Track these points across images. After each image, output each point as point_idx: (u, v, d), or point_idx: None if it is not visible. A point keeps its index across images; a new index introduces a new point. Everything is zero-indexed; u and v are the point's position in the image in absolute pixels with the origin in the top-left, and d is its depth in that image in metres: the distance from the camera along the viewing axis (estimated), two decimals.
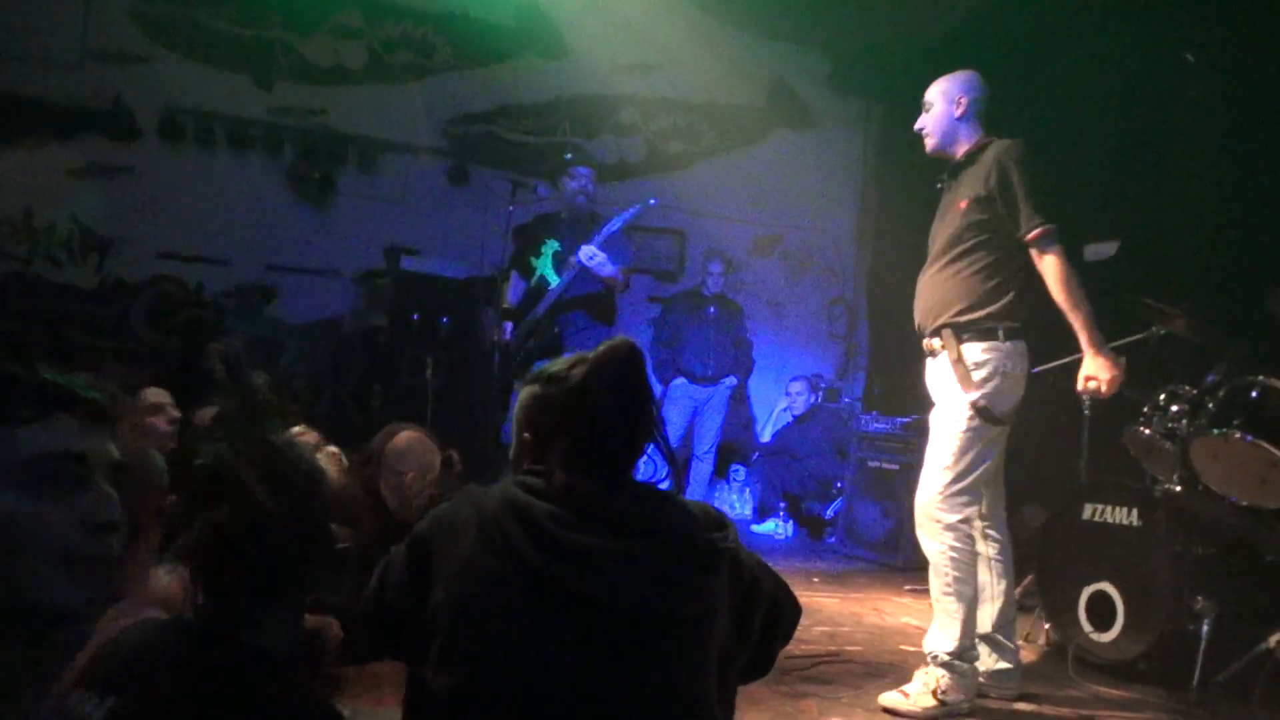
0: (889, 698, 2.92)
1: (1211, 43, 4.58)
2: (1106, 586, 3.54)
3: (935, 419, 3.08)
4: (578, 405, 1.45)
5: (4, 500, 0.98)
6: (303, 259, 6.56)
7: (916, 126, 3.23)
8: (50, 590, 0.99)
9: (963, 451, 2.97)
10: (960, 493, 2.97)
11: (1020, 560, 4.58)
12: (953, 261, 3.08)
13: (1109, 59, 5.26)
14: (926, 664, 2.97)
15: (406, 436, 3.08)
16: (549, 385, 1.50)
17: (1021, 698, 3.11)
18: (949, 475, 2.97)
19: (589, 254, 4.21)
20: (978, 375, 2.98)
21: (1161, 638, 3.31)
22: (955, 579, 2.95)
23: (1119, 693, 3.25)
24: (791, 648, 3.22)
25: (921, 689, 2.91)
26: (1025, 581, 4.27)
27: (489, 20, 6.99)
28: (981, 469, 3.00)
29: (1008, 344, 3.02)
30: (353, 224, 6.67)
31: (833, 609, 4.28)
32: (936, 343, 3.08)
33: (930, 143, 3.20)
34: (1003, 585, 3.12)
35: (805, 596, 4.44)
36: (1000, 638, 3.11)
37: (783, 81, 7.72)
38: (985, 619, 3.09)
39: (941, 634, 2.96)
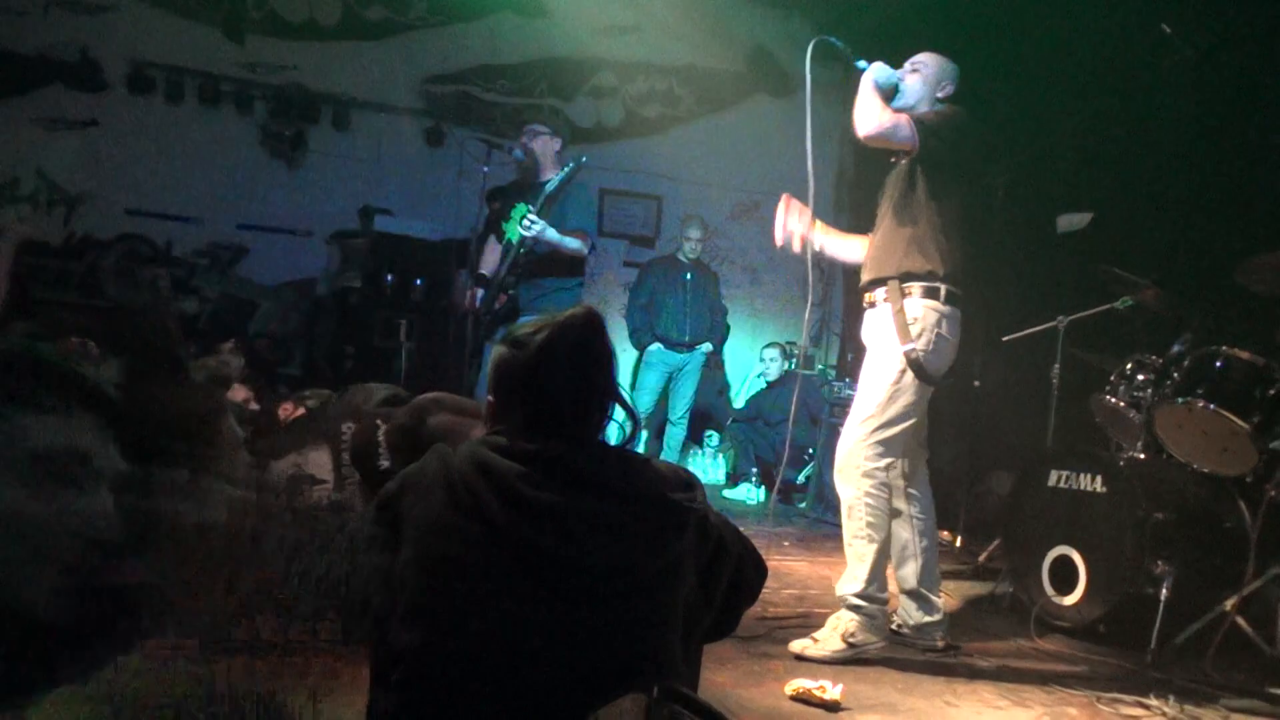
0: (799, 644, 3.02)
1: (1188, 15, 4.58)
2: (1069, 551, 3.61)
3: (866, 369, 3.18)
4: (536, 369, 1.47)
5: (12, 494, 0.96)
6: (275, 218, 6.48)
7: (895, 75, 3.21)
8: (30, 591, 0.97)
9: (890, 401, 3.05)
10: (882, 442, 3.06)
11: (988, 525, 4.68)
12: (901, 220, 3.15)
13: (1087, 29, 5.26)
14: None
15: (443, 421, 2.92)
16: (511, 348, 1.51)
17: (985, 659, 3.17)
18: (873, 424, 3.06)
19: (527, 224, 4.20)
20: (915, 329, 3.05)
21: (1121, 601, 3.38)
22: (868, 524, 3.06)
23: (1080, 654, 3.32)
24: (760, 610, 3.28)
25: (830, 632, 3.02)
26: (991, 546, 4.35)
27: None
28: (906, 424, 3.08)
29: (947, 307, 3.09)
30: (326, 183, 6.59)
31: (802, 572, 4.33)
32: (880, 294, 3.15)
33: (901, 102, 3.20)
34: (925, 543, 3.21)
35: (775, 560, 4.49)
36: (925, 592, 3.20)
37: (762, 46, 7.67)
38: (910, 575, 3.20)
39: (850, 578, 3.07)
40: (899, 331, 3.05)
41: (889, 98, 3.14)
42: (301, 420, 3.83)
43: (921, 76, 3.22)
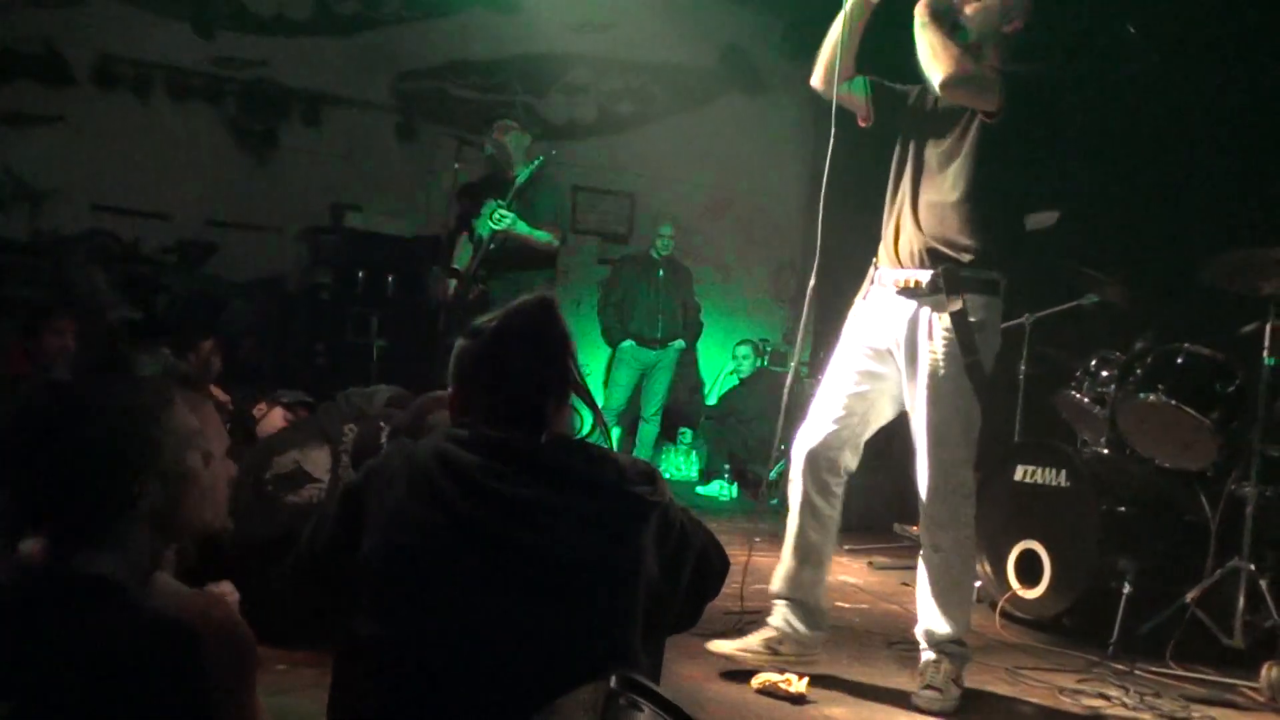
0: (926, 700, 2.59)
1: (1154, 16, 4.65)
2: (1035, 545, 3.65)
3: (923, 383, 2.66)
4: (490, 356, 1.47)
5: None
6: (245, 214, 6.42)
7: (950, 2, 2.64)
8: None
9: (969, 428, 2.66)
10: (969, 477, 2.70)
11: None
12: (953, 186, 2.64)
13: (1054, 27, 5.32)
14: (931, 652, 2.71)
15: (444, 420, 2.86)
16: (468, 338, 1.52)
17: None
18: (962, 459, 2.67)
19: (496, 217, 4.23)
20: (980, 335, 2.60)
21: (1085, 594, 3.43)
22: (965, 562, 2.74)
23: (1044, 646, 3.36)
24: (729, 604, 3.29)
25: (945, 680, 2.62)
26: None
27: None
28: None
29: (1000, 302, 2.69)
30: (297, 179, 6.54)
31: (772, 568, 4.33)
32: (924, 279, 2.63)
33: (962, 41, 2.62)
34: (830, 549, 2.88)
35: (744, 555, 4.51)
36: (823, 605, 2.85)
37: (735, 45, 7.69)
38: (810, 583, 2.82)
39: (952, 620, 2.70)
40: (961, 338, 2.58)
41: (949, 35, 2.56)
42: (304, 420, 3.82)
43: (984, 5, 2.63)
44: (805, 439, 2.85)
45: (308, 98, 6.59)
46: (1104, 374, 3.85)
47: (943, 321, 2.61)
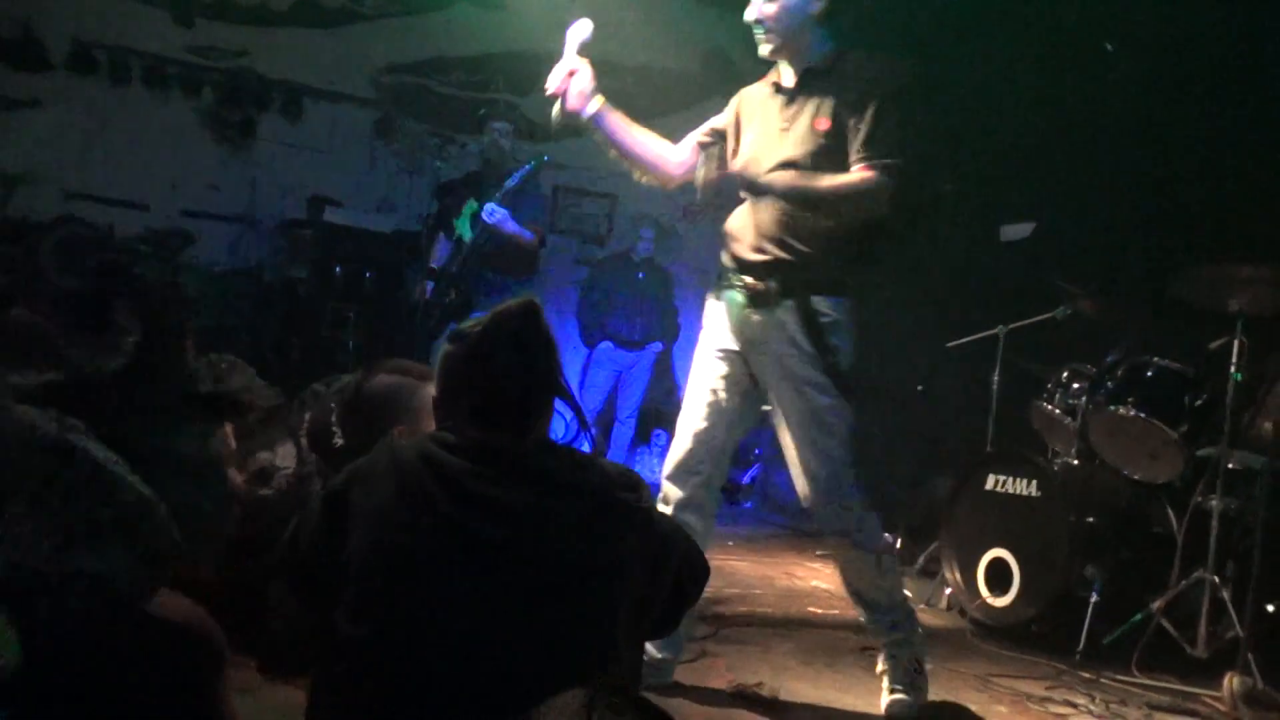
0: (892, 704, 2.60)
1: (1132, 35, 4.73)
2: (1005, 553, 3.70)
3: (781, 384, 2.62)
4: (475, 360, 1.48)
5: None
6: (221, 205, 6.35)
7: (753, 16, 2.63)
8: None
9: (840, 421, 2.63)
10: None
11: (928, 528, 4.77)
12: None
13: (1036, 42, 5.39)
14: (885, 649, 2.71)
15: (383, 382, 2.83)
16: (453, 342, 1.53)
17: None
18: (842, 452, 2.64)
19: (489, 210, 4.23)
20: (834, 336, 2.58)
21: (1053, 602, 3.48)
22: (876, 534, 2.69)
23: (1012, 654, 3.41)
24: (704, 608, 3.32)
25: (904, 675, 2.65)
26: (931, 547, 4.44)
27: None
28: None
29: (848, 300, 2.62)
30: (275, 171, 6.48)
31: (746, 571, 4.38)
32: (770, 276, 2.60)
33: (771, 42, 2.62)
34: None
35: (720, 559, 4.53)
36: (683, 628, 2.65)
37: (719, 50, 7.71)
38: None
39: (884, 594, 2.68)
40: (813, 337, 2.56)
41: None
42: (269, 417, 3.78)
43: (781, 3, 2.57)
44: (671, 454, 2.76)
45: (288, 90, 6.53)
46: (1075, 386, 3.90)
47: (792, 321, 2.57)
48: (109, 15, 6.07)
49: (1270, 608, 3.19)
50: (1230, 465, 3.31)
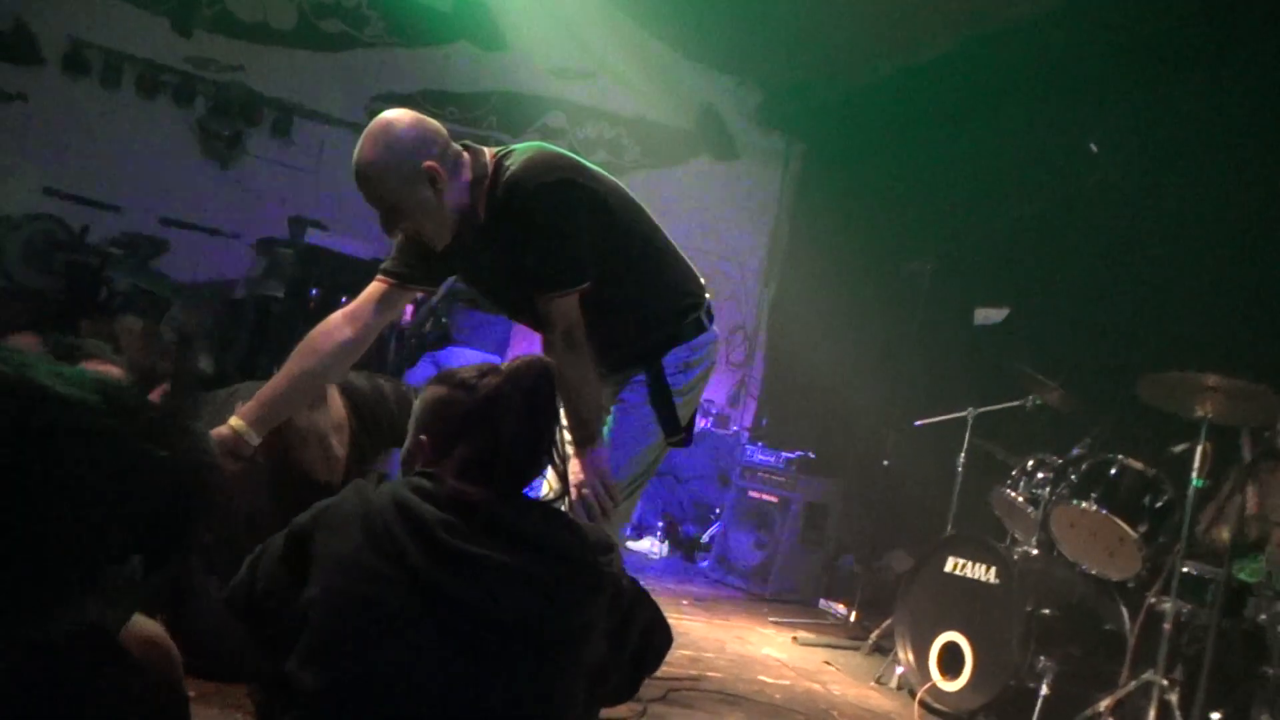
0: None
1: (1115, 137, 4.86)
2: (958, 637, 3.70)
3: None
4: (483, 416, 1.45)
5: None
6: (200, 216, 6.30)
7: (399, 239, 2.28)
8: None
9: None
10: None
11: (883, 602, 4.76)
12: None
13: (1022, 134, 5.53)
14: None
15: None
16: (456, 390, 1.48)
17: None
18: None
19: None
20: None
21: (1004, 692, 3.47)
22: None
23: None
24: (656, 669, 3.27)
25: None
26: (885, 624, 4.42)
27: (426, 1, 6.88)
28: None
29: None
30: (259, 188, 6.44)
31: (698, 634, 4.33)
32: None
33: (441, 236, 2.19)
34: None
35: (673, 619, 4.47)
36: None
37: (712, 109, 7.82)
38: None
39: None
40: None
41: None
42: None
43: (410, 206, 2.13)
44: None
45: (280, 107, 6.53)
46: (1040, 475, 3.93)
47: None
48: (108, 18, 6.06)
49: (1216, 716, 3.19)
50: (1185, 569, 3.34)
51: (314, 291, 5.74)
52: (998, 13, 5.21)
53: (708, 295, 2.45)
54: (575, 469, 2.11)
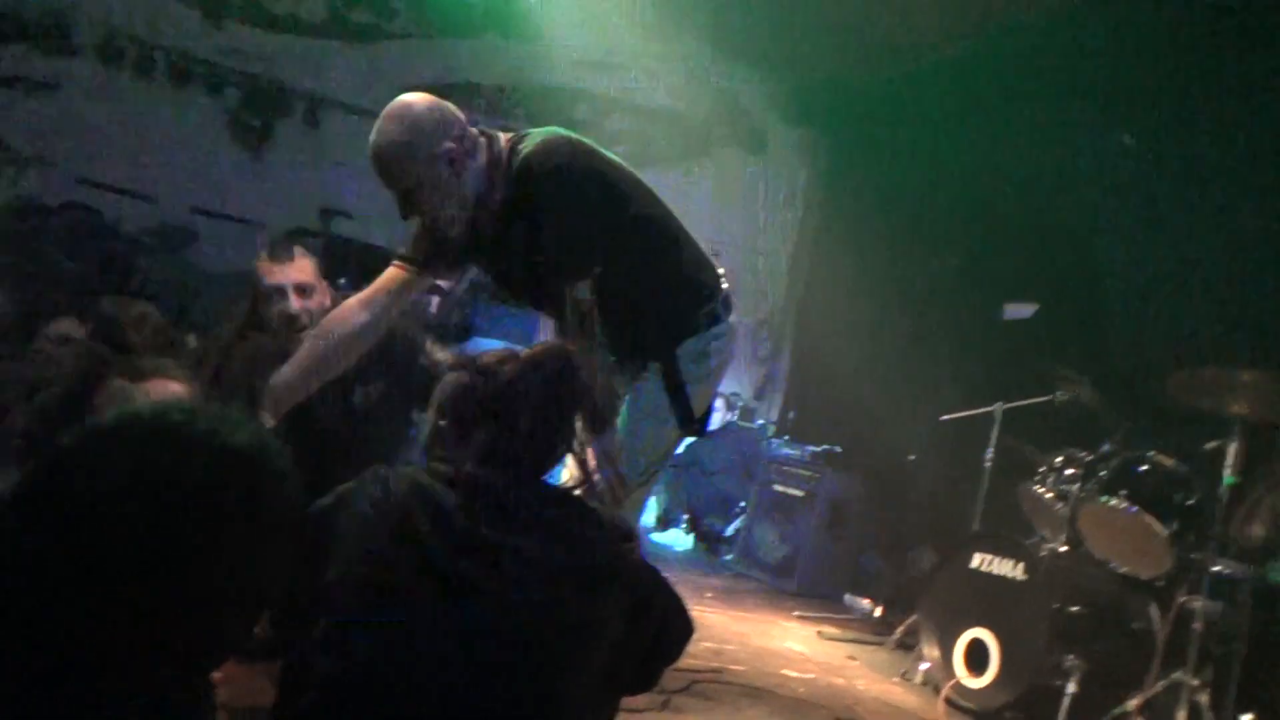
0: None
1: (1150, 130, 4.78)
2: (984, 634, 3.66)
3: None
4: (503, 401, 1.44)
5: None
6: (231, 206, 6.35)
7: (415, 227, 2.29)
8: None
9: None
10: None
11: (908, 598, 4.73)
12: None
13: (1054, 127, 5.45)
14: None
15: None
16: (477, 376, 1.48)
17: None
18: None
19: None
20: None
21: (1030, 690, 3.44)
22: None
23: None
24: (676, 662, 3.26)
25: None
26: (909, 620, 4.39)
27: None
28: None
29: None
30: (288, 178, 6.49)
31: (720, 627, 4.32)
32: None
33: (458, 220, 2.19)
34: None
35: (696, 611, 4.47)
36: None
37: (738, 102, 7.79)
38: None
39: None
40: None
41: None
42: None
43: (427, 187, 2.16)
44: None
45: (310, 99, 6.57)
46: (1068, 472, 3.88)
47: None
48: (141, 8, 6.12)
49: (1247, 717, 3.14)
50: (1216, 569, 3.28)
51: (342, 282, 5.78)
52: (1026, 5, 5.15)
53: (725, 285, 2.43)
54: (591, 456, 2.10)
